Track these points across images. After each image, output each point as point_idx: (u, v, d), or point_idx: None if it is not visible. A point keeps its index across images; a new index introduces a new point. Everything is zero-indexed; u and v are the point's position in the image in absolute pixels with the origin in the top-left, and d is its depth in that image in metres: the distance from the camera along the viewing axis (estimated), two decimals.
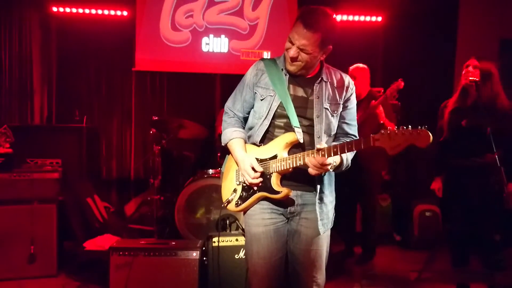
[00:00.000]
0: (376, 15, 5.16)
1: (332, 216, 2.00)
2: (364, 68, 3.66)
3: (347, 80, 1.98)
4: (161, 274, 2.83)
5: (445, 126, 2.93)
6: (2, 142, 2.15)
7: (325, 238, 1.98)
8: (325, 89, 1.91)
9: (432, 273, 3.54)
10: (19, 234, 3.26)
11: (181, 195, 3.63)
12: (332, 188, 2.00)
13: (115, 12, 4.98)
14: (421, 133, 1.63)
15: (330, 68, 1.99)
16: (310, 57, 1.83)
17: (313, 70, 1.93)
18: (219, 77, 5.17)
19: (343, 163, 1.89)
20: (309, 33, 1.77)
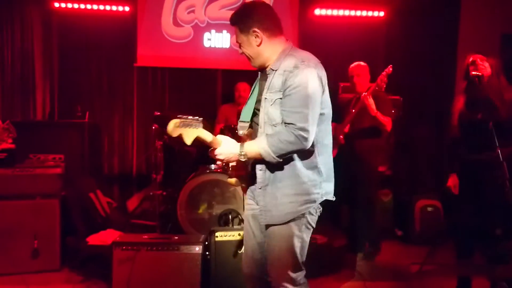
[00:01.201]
0: (378, 10, 5.15)
1: (286, 210, 1.88)
2: (365, 66, 3.66)
3: (291, 64, 1.85)
4: (164, 268, 2.85)
5: (456, 123, 2.90)
6: (5, 137, 2.16)
7: (280, 234, 1.91)
8: (271, 78, 1.92)
9: (434, 266, 3.55)
10: (22, 229, 3.27)
11: (183, 190, 3.64)
12: (289, 181, 1.88)
13: (116, 7, 4.98)
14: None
15: (288, 55, 1.91)
16: (244, 46, 1.94)
17: (268, 59, 1.94)
18: (221, 72, 5.18)
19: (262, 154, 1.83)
20: (232, 26, 1.96)
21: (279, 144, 1.80)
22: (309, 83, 1.82)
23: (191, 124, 1.77)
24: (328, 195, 1.96)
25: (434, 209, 4.30)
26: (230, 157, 1.89)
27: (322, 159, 1.93)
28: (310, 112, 1.81)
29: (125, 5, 4.98)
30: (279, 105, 1.85)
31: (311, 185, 1.89)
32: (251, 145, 1.86)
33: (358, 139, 3.62)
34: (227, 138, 1.91)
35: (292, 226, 1.90)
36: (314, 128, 1.83)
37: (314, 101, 1.83)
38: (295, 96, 1.81)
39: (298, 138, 1.78)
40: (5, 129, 2.17)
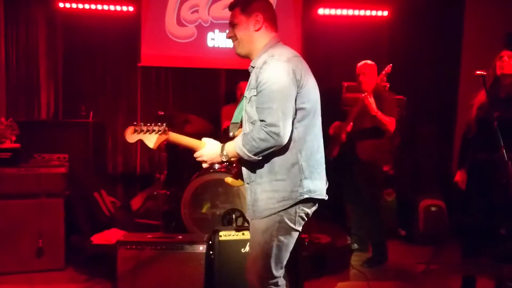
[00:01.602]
0: (382, 9, 5.14)
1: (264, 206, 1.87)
2: (373, 65, 3.61)
3: (262, 60, 1.85)
4: (168, 267, 2.85)
5: (473, 121, 2.87)
6: (9, 135, 2.17)
7: (254, 232, 1.92)
8: (252, 76, 1.92)
9: (439, 265, 3.54)
10: (27, 228, 3.29)
11: (187, 190, 3.64)
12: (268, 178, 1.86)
13: (120, 7, 4.99)
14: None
15: (266, 51, 1.90)
16: (240, 29, 1.92)
17: (255, 49, 1.94)
18: (224, 72, 5.18)
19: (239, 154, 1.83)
20: (231, 11, 1.96)
21: (252, 142, 1.78)
22: (277, 77, 1.78)
23: (153, 130, 1.82)
24: (314, 193, 1.89)
25: (438, 209, 4.29)
26: (213, 158, 1.90)
27: (305, 155, 1.87)
28: (279, 107, 1.76)
29: (129, 5, 4.99)
30: (254, 103, 1.85)
31: (290, 182, 1.85)
32: (230, 146, 1.88)
33: (359, 139, 3.59)
34: (210, 140, 1.93)
35: (266, 222, 1.87)
36: (287, 123, 1.78)
37: (284, 96, 1.78)
38: (264, 92, 1.79)
39: (269, 134, 1.75)
40: (8, 126, 2.18)
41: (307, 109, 1.88)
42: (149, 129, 1.82)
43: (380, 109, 3.43)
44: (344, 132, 3.60)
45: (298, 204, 1.87)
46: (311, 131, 1.91)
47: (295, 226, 1.90)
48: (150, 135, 1.82)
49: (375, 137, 3.54)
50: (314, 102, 1.92)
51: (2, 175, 3.23)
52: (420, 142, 5.01)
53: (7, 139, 2.17)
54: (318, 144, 1.95)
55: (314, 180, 1.89)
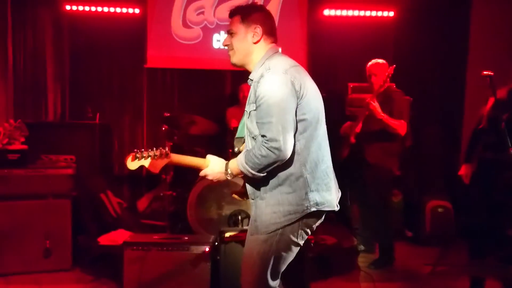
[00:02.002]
0: (388, 10, 5.12)
1: (269, 221, 1.81)
2: (383, 64, 3.53)
3: (259, 74, 1.81)
4: (174, 268, 2.87)
5: (485, 116, 2.87)
6: (17, 136, 2.17)
7: (254, 241, 1.86)
8: (251, 90, 1.89)
9: (446, 266, 3.52)
10: (34, 229, 3.31)
11: (193, 191, 3.66)
12: (272, 192, 1.82)
13: (127, 9, 5.02)
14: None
15: (265, 64, 1.86)
16: (237, 38, 1.89)
17: (251, 61, 1.91)
18: (230, 73, 5.19)
19: (243, 171, 1.80)
20: (231, 19, 1.94)
21: (254, 159, 1.74)
22: (274, 91, 1.74)
23: (155, 155, 1.80)
24: (322, 205, 1.83)
25: (445, 210, 4.26)
26: (218, 177, 1.88)
27: (309, 168, 1.81)
28: (278, 121, 1.71)
29: (135, 7, 5.02)
30: (254, 117, 1.81)
31: (295, 196, 1.80)
32: (234, 163, 1.84)
33: (367, 141, 3.55)
34: (214, 158, 1.90)
35: (268, 234, 1.82)
36: (288, 137, 1.73)
37: (282, 109, 1.73)
38: (262, 106, 1.75)
39: (270, 150, 1.70)
40: (17, 128, 2.19)
41: (308, 120, 1.82)
42: (150, 154, 1.80)
43: (389, 111, 3.38)
44: (353, 134, 3.56)
45: (303, 218, 1.82)
46: (314, 142, 1.85)
47: (297, 240, 1.85)
48: (153, 160, 1.81)
49: (384, 140, 3.47)
50: (316, 111, 1.86)
51: (10, 176, 3.26)
52: (426, 142, 4.99)
53: (16, 141, 2.18)
54: (323, 154, 1.88)
55: (321, 192, 1.84)
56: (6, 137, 2.20)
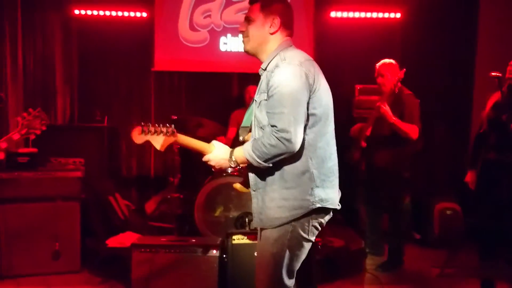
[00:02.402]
0: (395, 11, 5.11)
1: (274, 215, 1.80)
2: (390, 64, 3.49)
3: (274, 64, 1.81)
4: (182, 270, 2.88)
5: (485, 119, 2.88)
6: (38, 125, 2.13)
7: (265, 241, 1.85)
8: (261, 80, 1.89)
9: (455, 269, 3.49)
10: (44, 231, 3.35)
11: (200, 193, 3.67)
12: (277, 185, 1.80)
13: (134, 13, 5.06)
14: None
15: (277, 54, 1.85)
16: (255, 26, 1.87)
17: (264, 50, 1.89)
18: (237, 76, 5.21)
19: (248, 160, 1.78)
20: (251, 5, 1.91)
21: (262, 148, 1.72)
22: (289, 81, 1.73)
23: (161, 131, 1.78)
24: (326, 202, 1.81)
25: (454, 212, 4.23)
26: (221, 163, 1.86)
27: (316, 163, 1.80)
28: (291, 112, 1.70)
29: (143, 11, 5.06)
30: (264, 107, 1.79)
31: (301, 190, 1.78)
32: (239, 151, 1.81)
33: (377, 145, 3.50)
34: (219, 144, 1.88)
35: (278, 232, 1.81)
36: (299, 129, 1.72)
37: (296, 100, 1.72)
38: (275, 96, 1.74)
39: (279, 140, 1.69)
40: (37, 117, 2.15)
41: (318, 114, 1.81)
42: (157, 130, 1.78)
43: (400, 115, 3.34)
44: (363, 138, 3.52)
45: (311, 214, 1.81)
46: (323, 137, 1.84)
47: (308, 236, 1.84)
48: (158, 136, 1.78)
49: (395, 145, 3.42)
50: (326, 107, 1.85)
51: (20, 179, 3.31)
52: (434, 144, 4.96)
53: (36, 130, 2.13)
54: (330, 152, 1.87)
55: (326, 188, 1.83)
56: (25, 127, 2.13)
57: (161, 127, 1.80)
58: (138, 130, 1.79)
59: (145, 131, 1.79)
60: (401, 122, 3.32)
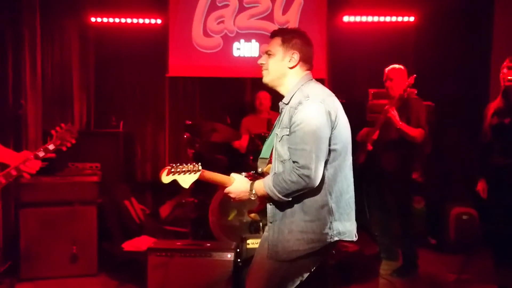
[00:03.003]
0: (408, 15, 5.09)
1: (292, 247, 1.82)
2: (400, 69, 3.52)
3: (297, 100, 1.83)
4: (197, 274, 2.91)
5: (488, 128, 2.91)
6: (68, 138, 2.36)
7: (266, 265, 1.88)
8: (282, 114, 1.90)
9: (471, 274, 3.45)
10: (61, 235, 3.41)
11: (214, 198, 3.70)
12: (295, 218, 1.82)
13: (149, 20, 5.14)
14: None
15: (298, 89, 1.88)
16: (274, 60, 1.91)
17: (283, 84, 1.93)
18: (250, 81, 5.24)
19: (269, 194, 1.81)
20: (271, 39, 1.95)
21: (283, 183, 1.76)
22: (312, 119, 1.76)
23: (188, 170, 1.84)
24: (344, 235, 1.85)
25: (470, 217, 4.18)
26: (241, 196, 1.90)
27: (335, 197, 1.83)
28: (313, 149, 1.74)
29: (157, 17, 5.14)
30: (286, 142, 1.82)
31: (319, 224, 1.81)
32: (259, 184, 1.85)
33: (384, 149, 3.51)
34: (238, 177, 1.92)
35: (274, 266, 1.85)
36: (319, 166, 1.75)
37: (318, 138, 1.76)
38: (298, 133, 1.77)
39: (300, 177, 1.72)
40: (67, 131, 2.37)
41: (338, 150, 1.84)
42: (184, 169, 1.85)
43: (406, 118, 3.36)
44: (370, 141, 3.55)
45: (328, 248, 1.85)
46: (342, 171, 1.87)
47: (312, 268, 1.90)
48: (184, 175, 1.85)
49: (401, 148, 3.43)
50: (346, 142, 1.89)
51: (39, 183, 3.38)
52: (449, 148, 4.91)
53: (67, 142, 2.37)
54: (347, 184, 1.90)
55: (344, 221, 1.86)
56: (59, 139, 2.36)
57: (188, 166, 1.86)
58: (167, 171, 1.85)
59: (172, 172, 1.84)
60: (407, 127, 3.34)
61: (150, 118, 5.31)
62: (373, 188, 3.75)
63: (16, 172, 2.24)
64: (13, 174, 2.24)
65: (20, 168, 2.24)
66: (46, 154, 2.33)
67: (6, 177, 2.23)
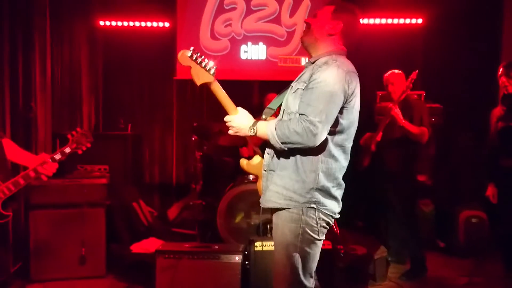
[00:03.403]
0: (416, 17, 5.08)
1: (270, 197, 1.89)
2: (400, 74, 3.57)
3: (324, 60, 1.86)
4: (205, 277, 2.91)
5: (494, 133, 2.92)
6: (84, 142, 2.43)
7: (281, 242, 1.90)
8: (305, 71, 1.93)
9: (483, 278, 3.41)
10: (70, 237, 3.42)
11: (222, 200, 3.70)
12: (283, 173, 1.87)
13: (157, 23, 5.18)
14: None
15: (333, 56, 1.88)
16: (318, 21, 1.93)
17: (316, 49, 1.94)
18: (257, 83, 5.25)
19: (268, 136, 1.82)
20: (327, 5, 1.97)
21: (285, 130, 1.77)
22: (333, 81, 1.78)
23: (205, 67, 1.82)
24: (322, 206, 1.86)
25: (479, 220, 4.14)
26: (241, 128, 1.89)
27: (325, 168, 1.85)
28: (325, 109, 1.76)
29: (165, 21, 5.18)
30: (299, 96, 1.85)
31: (303, 186, 1.84)
32: (262, 124, 1.87)
33: (388, 149, 3.52)
34: (244, 112, 1.93)
35: (290, 236, 1.87)
36: (326, 128, 1.77)
37: (333, 101, 1.78)
38: (315, 90, 1.79)
39: (305, 130, 1.73)
40: (83, 135, 2.43)
41: (343, 125, 1.86)
42: (203, 63, 1.81)
43: (409, 118, 3.38)
44: (374, 142, 3.56)
45: (318, 213, 1.86)
46: (339, 149, 1.89)
47: (319, 236, 1.90)
48: (200, 68, 1.81)
49: (405, 148, 3.46)
50: (352, 123, 1.91)
51: (49, 185, 3.39)
52: (458, 151, 4.88)
53: (83, 146, 2.44)
54: (341, 166, 1.92)
55: (326, 195, 1.87)
56: (74, 143, 2.44)
57: (208, 63, 1.83)
58: (188, 52, 1.80)
59: (192, 57, 1.80)
60: (410, 125, 3.37)
61: (158, 120, 5.34)
62: (379, 191, 3.74)
63: (35, 173, 2.32)
64: (32, 176, 2.31)
65: (38, 170, 2.31)
66: (62, 157, 2.40)
67: (25, 178, 2.29)
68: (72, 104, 4.84)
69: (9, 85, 3.70)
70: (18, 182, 2.25)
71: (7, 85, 3.69)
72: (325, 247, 2.70)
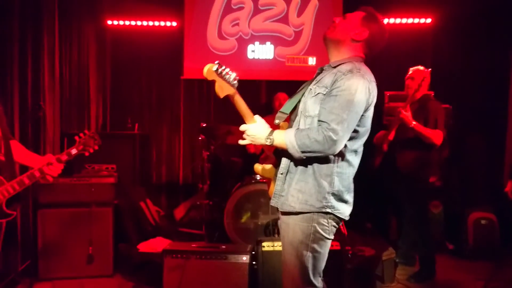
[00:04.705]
0: (425, 17, 5.03)
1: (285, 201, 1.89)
2: (422, 71, 3.48)
3: (348, 68, 1.85)
4: (212, 277, 2.90)
5: None
6: (92, 144, 2.44)
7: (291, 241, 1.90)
8: (324, 74, 1.92)
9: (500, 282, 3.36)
10: (78, 236, 3.44)
11: (230, 200, 3.70)
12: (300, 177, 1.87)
13: (165, 23, 5.19)
14: None
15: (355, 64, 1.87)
16: (345, 25, 1.93)
17: (337, 53, 1.94)
18: (265, 83, 5.24)
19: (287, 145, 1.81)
20: (358, 10, 1.97)
21: (305, 139, 1.77)
22: (358, 92, 1.79)
23: (229, 79, 1.81)
24: (336, 210, 1.88)
25: (489, 222, 4.10)
26: (256, 137, 1.87)
27: (339, 172, 1.87)
28: (347, 118, 1.77)
29: (173, 20, 5.18)
30: (320, 101, 1.84)
31: (319, 190, 1.85)
32: (279, 133, 1.86)
33: (400, 149, 3.48)
34: (261, 120, 1.92)
35: (301, 234, 1.87)
36: (346, 136, 1.79)
37: (355, 111, 1.79)
38: (339, 98, 1.78)
39: (326, 139, 1.74)
40: (91, 137, 2.44)
41: (360, 132, 1.89)
42: (226, 76, 1.81)
43: (424, 119, 3.33)
44: (386, 142, 3.53)
45: (329, 215, 1.87)
46: (353, 155, 1.91)
47: (329, 236, 1.91)
48: (224, 82, 1.82)
49: (417, 148, 3.39)
50: (367, 130, 1.93)
51: (57, 184, 3.41)
52: (468, 152, 4.83)
53: (90, 148, 2.45)
54: (354, 171, 1.94)
55: (340, 200, 1.89)
56: (82, 144, 2.44)
57: (231, 74, 1.83)
58: (214, 66, 1.79)
59: (217, 70, 1.79)
60: (421, 127, 3.30)
61: (165, 120, 5.34)
62: (390, 191, 3.71)
63: (40, 173, 2.32)
64: (37, 176, 2.31)
65: (43, 170, 2.32)
66: (68, 158, 2.40)
67: (30, 178, 2.29)
68: (80, 103, 4.85)
69: (18, 85, 3.73)
70: (22, 181, 2.26)
71: (16, 85, 3.71)
72: (333, 248, 2.69)
